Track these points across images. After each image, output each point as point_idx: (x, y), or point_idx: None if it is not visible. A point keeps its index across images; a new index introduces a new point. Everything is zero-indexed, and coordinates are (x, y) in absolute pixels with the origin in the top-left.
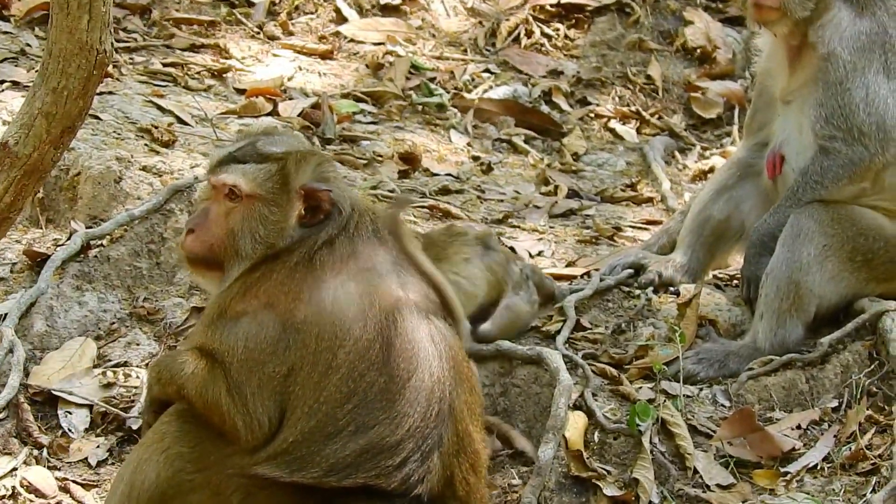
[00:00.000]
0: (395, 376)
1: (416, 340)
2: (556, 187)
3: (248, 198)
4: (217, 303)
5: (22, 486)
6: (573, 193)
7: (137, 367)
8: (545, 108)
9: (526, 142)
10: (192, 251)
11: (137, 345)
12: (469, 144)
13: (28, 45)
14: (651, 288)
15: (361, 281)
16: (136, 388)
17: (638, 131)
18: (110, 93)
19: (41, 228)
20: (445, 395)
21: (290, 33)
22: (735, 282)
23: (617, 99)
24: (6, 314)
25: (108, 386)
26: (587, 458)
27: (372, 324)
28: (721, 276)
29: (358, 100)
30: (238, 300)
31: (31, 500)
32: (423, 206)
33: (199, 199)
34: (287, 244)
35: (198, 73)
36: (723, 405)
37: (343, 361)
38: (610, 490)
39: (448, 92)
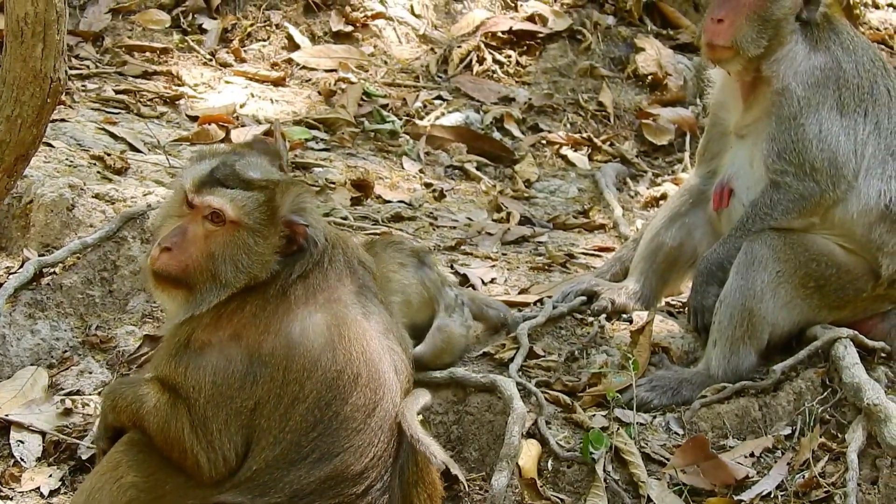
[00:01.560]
0: (361, 406)
1: (382, 371)
2: (509, 214)
3: (231, 223)
4: (183, 331)
5: None
6: (525, 220)
7: (90, 395)
8: (497, 135)
9: (478, 168)
10: (165, 270)
11: (90, 373)
12: (421, 171)
13: None
14: (604, 315)
15: (329, 312)
16: (90, 415)
17: (590, 158)
18: (63, 120)
19: None
20: None
21: (243, 60)
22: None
23: (569, 125)
24: None
25: (62, 415)
26: (541, 487)
27: (341, 354)
28: (674, 303)
29: (310, 126)
30: (206, 331)
31: None
32: (375, 233)
33: (168, 215)
34: (266, 276)
35: (150, 100)
36: (676, 433)
37: (310, 392)
38: None
39: (400, 119)
